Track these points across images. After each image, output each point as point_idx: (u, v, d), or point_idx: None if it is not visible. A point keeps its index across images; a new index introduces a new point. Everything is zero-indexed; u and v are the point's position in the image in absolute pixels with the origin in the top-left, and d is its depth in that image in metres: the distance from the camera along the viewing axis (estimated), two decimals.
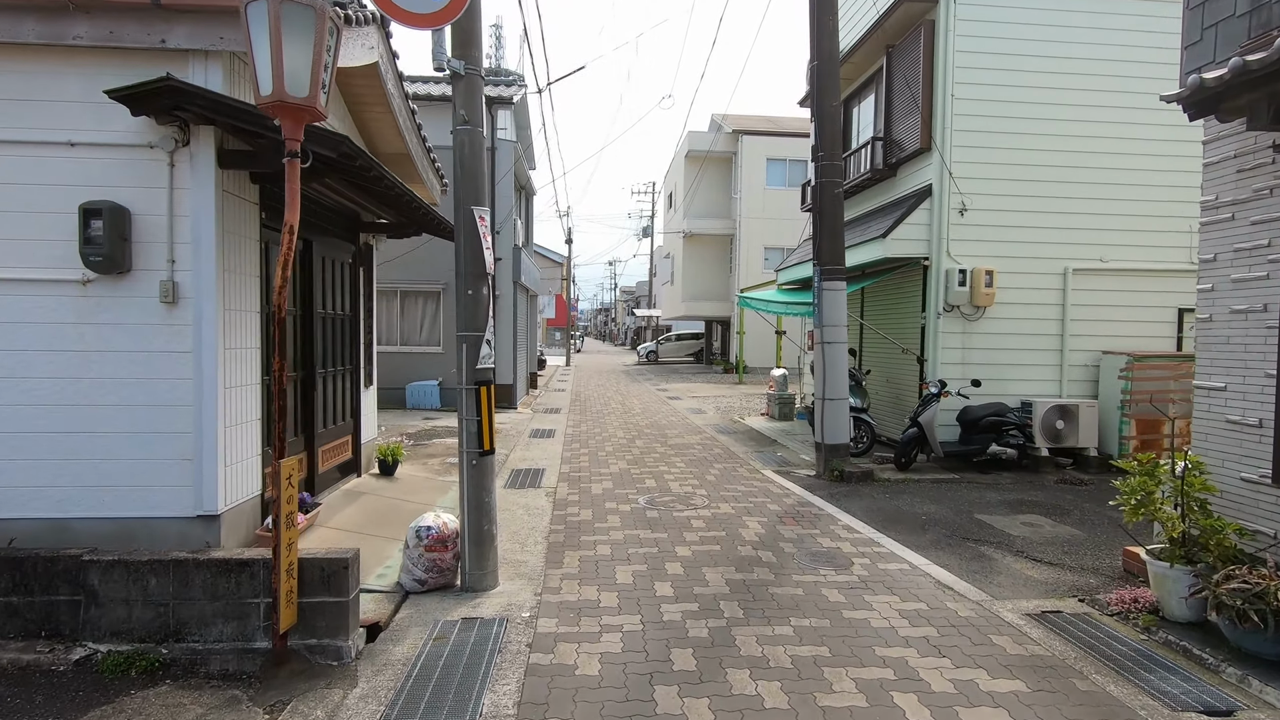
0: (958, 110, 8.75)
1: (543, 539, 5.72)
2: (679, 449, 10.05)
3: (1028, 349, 9.02)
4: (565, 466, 8.74)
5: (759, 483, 7.89)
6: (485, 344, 4.50)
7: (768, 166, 27.18)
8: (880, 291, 10.24)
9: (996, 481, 8.00)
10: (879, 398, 10.26)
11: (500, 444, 10.14)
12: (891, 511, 6.69)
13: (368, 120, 6.63)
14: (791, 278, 12.97)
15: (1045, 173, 8.91)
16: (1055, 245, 8.99)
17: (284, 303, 3.43)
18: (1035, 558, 5.37)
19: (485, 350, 4.50)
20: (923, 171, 9.16)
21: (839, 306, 8.14)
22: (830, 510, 6.69)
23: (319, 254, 6.03)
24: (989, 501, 7.10)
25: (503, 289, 14.68)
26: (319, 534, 5.21)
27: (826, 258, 8.12)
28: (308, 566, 3.54)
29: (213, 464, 4.23)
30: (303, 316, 5.82)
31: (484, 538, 4.50)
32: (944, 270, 8.82)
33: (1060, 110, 8.89)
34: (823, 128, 8.07)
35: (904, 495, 7.36)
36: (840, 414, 8.15)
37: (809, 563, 5.15)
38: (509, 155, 14.69)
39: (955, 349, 8.92)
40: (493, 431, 4.56)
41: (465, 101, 4.37)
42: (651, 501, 6.93)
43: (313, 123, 3.51)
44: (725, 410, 15.02)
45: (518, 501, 6.94)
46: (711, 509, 6.67)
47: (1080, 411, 8.52)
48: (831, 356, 8.13)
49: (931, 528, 6.15)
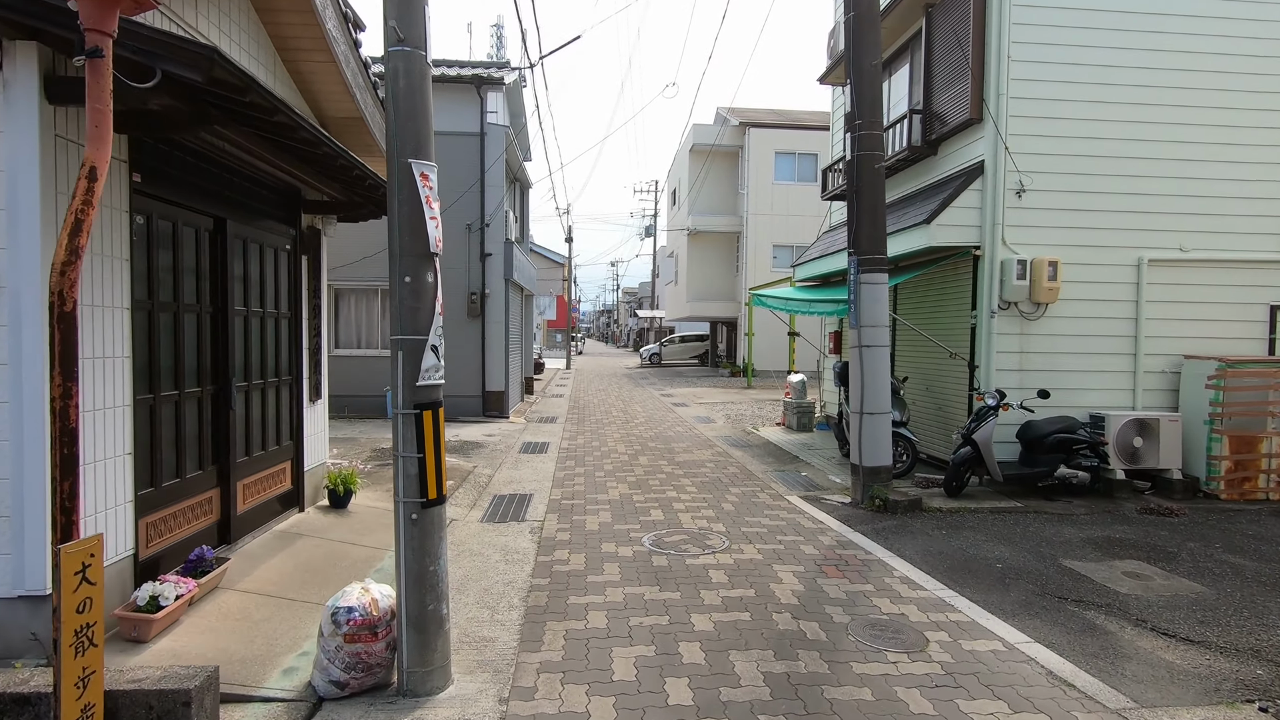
0: (1014, 74, 7.47)
1: (520, 600, 4.44)
2: (688, 468, 8.78)
3: (1095, 353, 7.72)
4: (557, 492, 7.47)
5: (786, 513, 6.61)
6: (431, 351, 3.23)
7: (776, 160, 25.88)
8: (920, 287, 8.95)
9: (1069, 512, 6.71)
10: (917, 409, 8.97)
11: (484, 461, 8.89)
12: (955, 555, 5.41)
13: (308, 74, 5.37)
14: (810, 274, 11.69)
15: (1116, 147, 7.63)
16: (1127, 232, 7.70)
17: (71, 287, 2.16)
18: (1165, 631, 4.08)
19: (430, 360, 3.23)
20: (972, 146, 7.88)
21: (879, 303, 6.86)
22: (879, 554, 5.41)
23: (236, 236, 4.77)
24: (1070, 540, 5.82)
25: (494, 287, 13.44)
26: (219, 602, 3.95)
27: (865, 245, 6.84)
28: (124, 706, 2.27)
29: (41, 523, 2.98)
30: (214, 315, 4.56)
31: (429, 621, 3.23)
32: (999, 261, 7.53)
33: (1133, 74, 7.61)
34: (861, 91, 6.79)
35: (964, 531, 6.07)
36: (882, 431, 6.87)
37: (869, 640, 3.87)
38: (499, 141, 13.44)
39: (1011, 353, 7.63)
40: (443, 472, 3.29)
41: (399, 10, 3.10)
42: (658, 542, 5.66)
43: (135, 12, 2.25)
44: (736, 419, 13.74)
45: (495, 542, 5.67)
46: (733, 553, 5.39)
47: (1161, 427, 7.23)
48: (871, 363, 6.85)
49: (1013, 581, 4.86)
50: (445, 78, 13.14)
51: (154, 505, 3.91)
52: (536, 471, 8.50)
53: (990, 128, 7.51)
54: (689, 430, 12.16)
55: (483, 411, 13.34)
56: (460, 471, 8.09)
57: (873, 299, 6.85)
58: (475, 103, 13.35)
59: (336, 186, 5.38)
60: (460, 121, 13.33)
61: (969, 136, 7.92)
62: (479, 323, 13.35)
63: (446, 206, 12.92)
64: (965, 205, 7.62)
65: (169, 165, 4.00)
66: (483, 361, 13.38)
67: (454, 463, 8.62)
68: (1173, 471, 7.28)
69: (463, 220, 13.25)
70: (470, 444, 10.23)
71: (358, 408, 12.93)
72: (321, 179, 5.11)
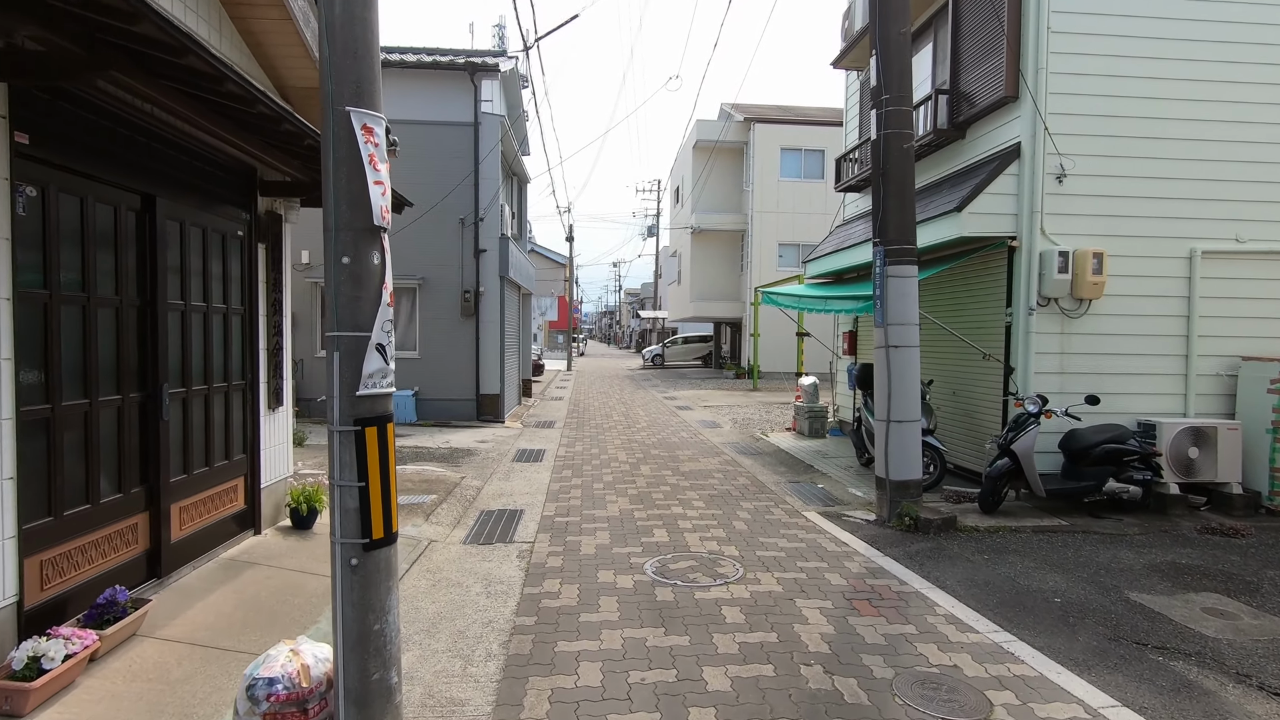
0: (1055, 47, 6.78)
1: (500, 647, 3.75)
2: (694, 478, 8.08)
3: (1143, 354, 7.02)
4: (551, 506, 6.78)
5: (805, 532, 5.91)
6: (376, 352, 2.55)
7: (782, 156, 25.20)
8: (946, 282, 8.25)
9: (1121, 532, 6.01)
10: (942, 415, 8.27)
11: (473, 471, 8.21)
12: (1004, 586, 4.71)
13: (261, 35, 4.69)
14: (822, 270, 11.00)
15: (1167, 127, 6.93)
16: (1179, 221, 7.00)
17: None
18: (1273, 688, 3.38)
19: (376, 363, 2.54)
20: (1006, 128, 7.18)
21: (908, 299, 6.16)
22: (917, 584, 4.71)
23: (171, 217, 4.09)
24: (1130, 567, 5.11)
25: (488, 285, 12.77)
26: (132, 656, 3.26)
27: (893, 234, 6.14)
28: None
29: None
30: (141, 310, 3.88)
31: (373, 695, 2.54)
32: (1038, 253, 6.83)
33: (1186, 47, 6.91)
34: (888, 62, 6.10)
35: (1008, 556, 5.37)
36: (911, 441, 6.17)
37: (920, 702, 3.17)
38: (494, 131, 12.77)
39: (1051, 354, 6.93)
40: (392, 504, 2.61)
41: None
42: (663, 569, 4.96)
43: None
44: (743, 423, 13.04)
45: (477, 569, 4.98)
46: (749, 583, 4.70)
47: (1219, 436, 6.53)
48: (899, 365, 6.15)
49: (1078, 621, 4.16)
50: (438, 64, 12.49)
51: (52, 539, 3.23)
52: (530, 483, 7.81)
53: (1028, 105, 6.81)
54: (694, 436, 11.46)
55: (477, 416, 12.67)
56: (446, 483, 7.41)
57: (901, 294, 6.16)
58: (469, 91, 12.69)
59: (296, 164, 4.71)
60: (453, 111, 12.68)
61: (1002, 117, 7.22)
62: (473, 323, 12.68)
63: (439, 200, 12.26)
64: (1000, 191, 6.93)
65: (73, 127, 3.32)
66: (476, 363, 12.70)
67: (440, 473, 7.93)
68: (1232, 485, 6.58)
69: (456, 215, 12.59)
70: (460, 451, 9.55)
71: None
72: (277, 155, 4.44)
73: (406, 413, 12.19)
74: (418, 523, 5.97)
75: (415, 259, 12.41)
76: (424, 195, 12.15)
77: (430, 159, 12.46)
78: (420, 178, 12.27)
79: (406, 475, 7.71)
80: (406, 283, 12.51)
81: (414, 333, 12.70)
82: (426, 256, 12.49)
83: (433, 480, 7.51)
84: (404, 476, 7.65)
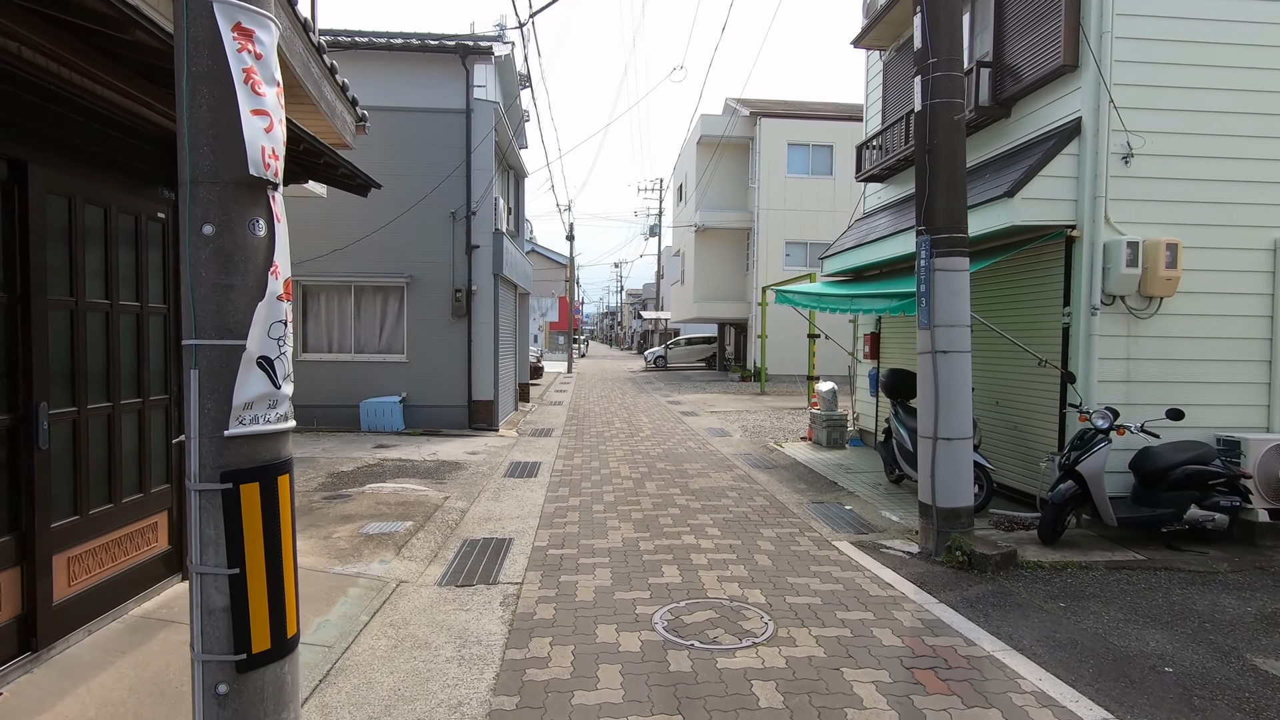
0: (1120, 8, 5.91)
1: None
2: (706, 498, 7.21)
3: (1222, 359, 6.15)
4: (544, 534, 5.91)
5: (840, 570, 5.04)
6: (259, 369, 1.68)
7: (789, 152, 24.34)
8: (991, 279, 7.35)
9: (1209, 568, 5.13)
10: (985, 428, 7.37)
11: (459, 490, 7.34)
12: (1096, 648, 3.83)
13: None
14: (842, 266, 10.13)
15: (1250, 100, 6.06)
16: (1263, 208, 6.13)
17: None
18: None
19: (257, 386, 1.68)
20: (1062, 102, 6.30)
21: (959, 296, 5.29)
22: (988, 645, 3.84)
23: (53, 191, 3.22)
24: (1238, 619, 4.24)
25: (481, 283, 11.90)
26: None
27: (942, 220, 5.27)
28: None
29: None
30: (6, 308, 3.02)
31: None
32: (1101, 244, 5.96)
33: (1276, 9, 6.04)
34: (935, 22, 5.23)
35: (1089, 603, 4.49)
36: (962, 462, 5.29)
37: None
38: (488, 118, 11.90)
39: (1117, 360, 6.05)
40: (289, 597, 1.74)
41: None
42: (676, 624, 4.09)
43: None
44: (754, 431, 12.17)
45: (451, 622, 4.12)
46: (782, 644, 3.82)
47: None
48: (948, 373, 5.28)
49: (1204, 701, 3.28)
50: (427, 47, 11.63)
51: None
52: (521, 504, 6.94)
53: (1090, 75, 5.94)
54: (702, 446, 10.59)
55: (469, 424, 11.79)
56: (426, 506, 6.54)
57: (950, 290, 5.28)
58: (461, 75, 11.83)
59: None
60: (443, 97, 11.82)
61: (1059, 89, 6.34)
62: (464, 324, 11.81)
63: (428, 192, 11.41)
64: (1057, 174, 6.05)
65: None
66: (468, 367, 11.83)
67: (421, 493, 7.07)
68: None
69: (446, 208, 11.72)
70: (447, 465, 8.69)
71: (330, 420, 11.41)
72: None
73: (393, 421, 11.33)
74: (386, 558, 5.10)
75: (402, 255, 11.57)
76: (412, 187, 11.31)
77: (419, 148, 11.61)
78: (408, 169, 11.42)
79: (383, 496, 6.84)
80: (392, 282, 11.66)
81: (401, 335, 11.83)
82: (415, 253, 11.64)
83: (411, 503, 6.64)
84: (379, 498, 6.78)
